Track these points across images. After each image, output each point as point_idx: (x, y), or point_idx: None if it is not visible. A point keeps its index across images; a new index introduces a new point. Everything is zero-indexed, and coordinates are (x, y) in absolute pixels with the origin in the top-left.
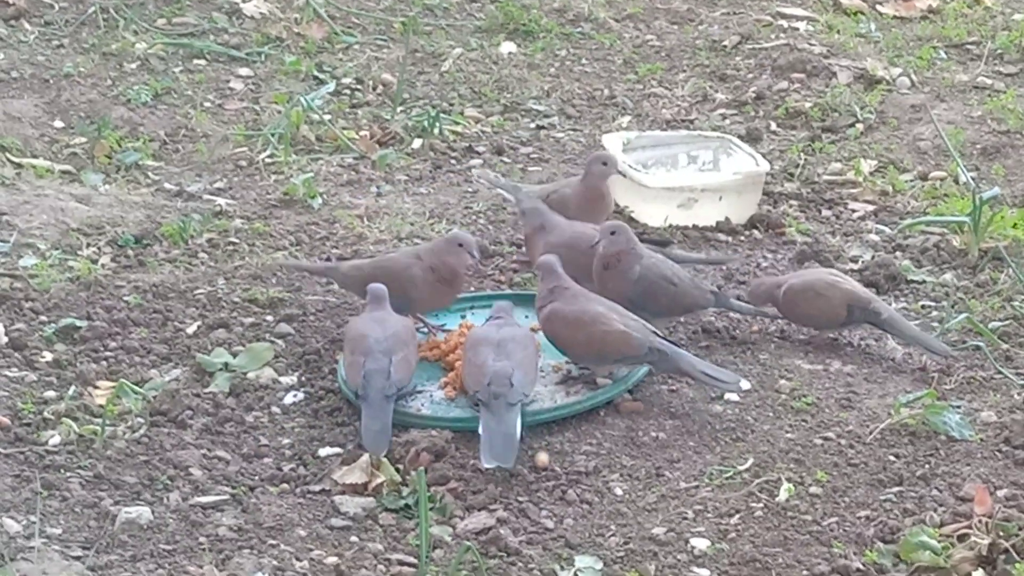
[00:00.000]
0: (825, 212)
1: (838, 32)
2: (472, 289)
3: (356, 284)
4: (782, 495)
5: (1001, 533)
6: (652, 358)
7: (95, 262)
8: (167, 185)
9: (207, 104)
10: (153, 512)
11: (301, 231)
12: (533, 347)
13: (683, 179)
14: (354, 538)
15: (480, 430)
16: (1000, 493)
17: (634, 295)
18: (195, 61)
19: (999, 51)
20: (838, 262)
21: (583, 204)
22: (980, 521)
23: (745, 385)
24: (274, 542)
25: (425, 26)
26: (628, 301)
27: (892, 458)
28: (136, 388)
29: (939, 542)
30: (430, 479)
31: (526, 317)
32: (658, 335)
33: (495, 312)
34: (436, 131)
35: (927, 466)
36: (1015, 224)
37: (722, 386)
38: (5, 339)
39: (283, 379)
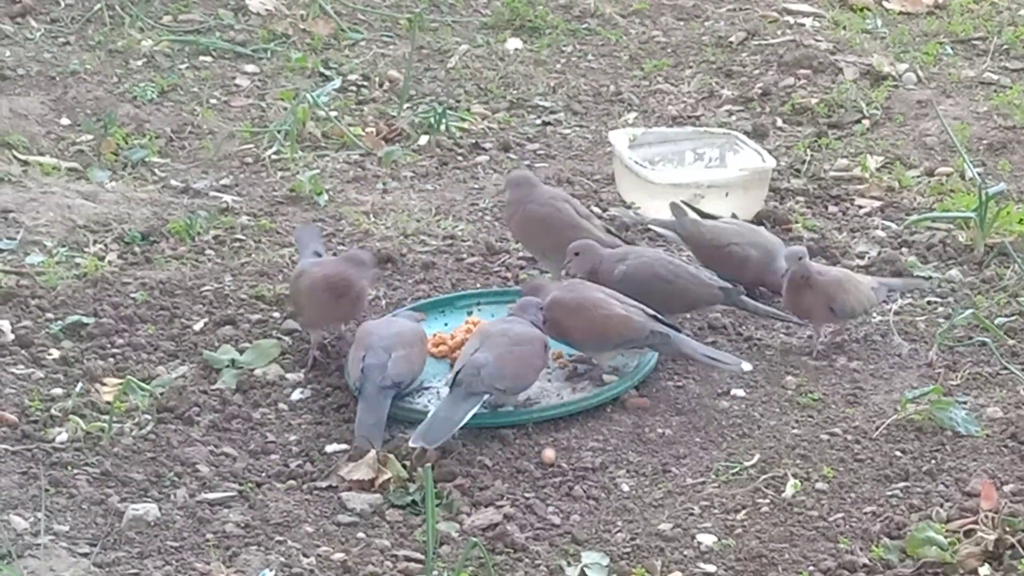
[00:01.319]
0: (831, 208)
1: (844, 28)
2: (478, 286)
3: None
4: (788, 491)
5: (1007, 528)
6: (654, 340)
7: (102, 259)
8: (173, 182)
9: (213, 101)
10: (160, 509)
11: None
12: (531, 345)
13: (689, 175)
14: (361, 534)
15: (431, 412)
16: (1006, 488)
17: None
18: (201, 58)
19: (1005, 46)
20: (844, 258)
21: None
22: (986, 516)
23: (747, 367)
24: (281, 538)
25: (431, 22)
26: None
27: (898, 453)
28: (143, 385)
29: (945, 537)
30: (437, 475)
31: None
32: (658, 319)
33: (516, 307)
34: (442, 128)
35: (933, 461)
36: (1021, 220)
37: (724, 367)
38: (12, 336)
39: (290, 376)
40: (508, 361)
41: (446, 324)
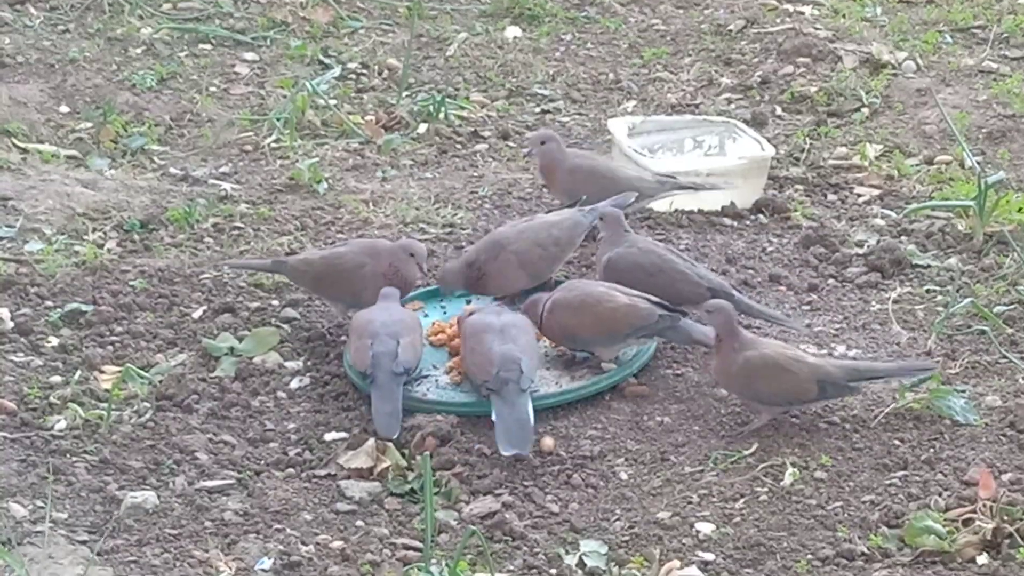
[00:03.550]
0: (831, 196)
1: (844, 16)
2: None
3: (305, 279)
4: (787, 479)
5: (1006, 517)
6: (664, 324)
7: (101, 247)
8: (172, 170)
9: (212, 89)
10: (159, 496)
11: (306, 216)
12: (534, 333)
13: (689, 164)
14: (360, 522)
15: (494, 418)
16: (1005, 477)
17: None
18: (200, 46)
19: (1005, 35)
20: (843, 246)
21: None
22: (985, 505)
23: None
24: (280, 526)
25: (430, 11)
26: None
27: (897, 442)
28: (142, 373)
29: (944, 526)
30: (435, 464)
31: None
32: (664, 306)
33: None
34: (442, 116)
35: (932, 450)
36: (1020, 208)
37: None
38: (11, 324)
39: (289, 364)
40: (531, 353)
41: (445, 312)
